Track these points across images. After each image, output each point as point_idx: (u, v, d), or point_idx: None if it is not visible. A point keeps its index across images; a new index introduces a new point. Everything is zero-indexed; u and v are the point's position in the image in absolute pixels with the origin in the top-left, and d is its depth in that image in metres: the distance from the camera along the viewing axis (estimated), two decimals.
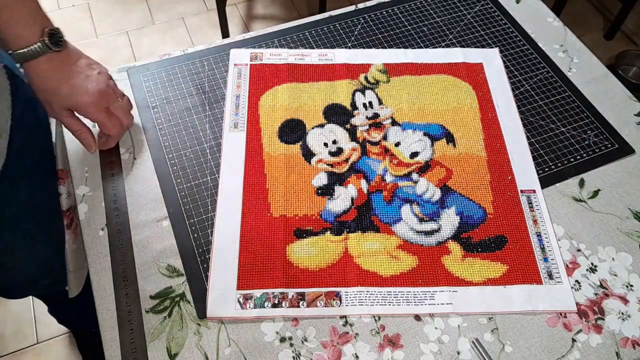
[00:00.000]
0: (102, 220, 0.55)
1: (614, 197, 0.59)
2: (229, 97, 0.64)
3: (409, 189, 0.58)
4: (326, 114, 0.64)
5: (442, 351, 0.49)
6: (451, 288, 0.52)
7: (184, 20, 1.84)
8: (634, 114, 0.67)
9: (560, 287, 0.52)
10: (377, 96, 0.65)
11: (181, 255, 0.53)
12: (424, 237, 0.55)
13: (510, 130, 0.63)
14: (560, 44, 0.74)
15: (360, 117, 0.63)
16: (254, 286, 0.51)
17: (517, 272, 0.53)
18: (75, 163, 0.59)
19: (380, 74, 0.67)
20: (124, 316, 0.49)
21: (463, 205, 0.57)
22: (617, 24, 1.77)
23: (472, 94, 0.66)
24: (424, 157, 0.60)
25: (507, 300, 0.51)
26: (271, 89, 0.65)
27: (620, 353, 0.49)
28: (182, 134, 0.61)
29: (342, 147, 0.61)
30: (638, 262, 0.55)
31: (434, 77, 0.68)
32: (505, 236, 0.55)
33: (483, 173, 0.60)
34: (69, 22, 1.79)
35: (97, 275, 0.52)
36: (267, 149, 0.60)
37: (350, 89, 0.66)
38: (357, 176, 0.59)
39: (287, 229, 0.54)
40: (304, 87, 0.66)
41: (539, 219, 0.57)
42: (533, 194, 0.58)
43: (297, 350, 0.48)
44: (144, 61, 0.68)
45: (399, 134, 0.62)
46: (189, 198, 0.57)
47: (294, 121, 0.63)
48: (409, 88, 0.67)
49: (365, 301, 0.51)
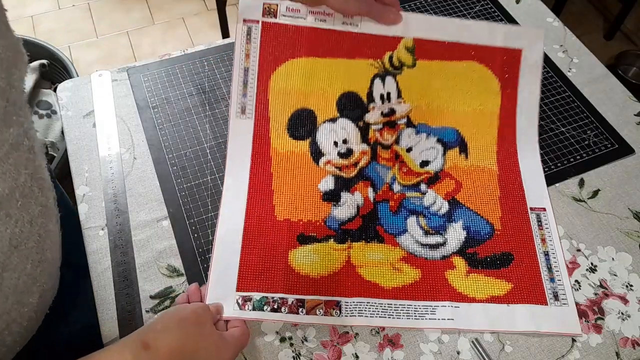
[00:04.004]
0: (102, 220, 0.55)
1: (614, 197, 0.59)
2: (237, 70, 0.56)
3: (416, 200, 0.56)
4: (340, 105, 0.58)
5: (442, 351, 0.49)
6: (453, 303, 0.50)
7: (184, 20, 1.84)
8: (634, 114, 0.67)
9: (566, 309, 0.51)
10: (397, 86, 0.59)
11: (181, 255, 0.53)
12: (429, 250, 0.53)
13: (525, 142, 0.59)
14: (560, 44, 0.74)
15: (375, 112, 0.58)
16: (253, 289, 0.50)
17: (522, 291, 0.51)
18: (75, 163, 0.59)
19: (407, 54, 0.59)
20: (124, 316, 0.49)
21: (470, 219, 0.55)
22: (617, 24, 1.77)
23: (497, 96, 0.60)
24: (435, 167, 0.58)
25: (510, 319, 0.50)
26: (283, 63, 0.57)
27: (620, 353, 0.49)
28: (182, 134, 0.61)
29: (352, 149, 0.57)
30: (638, 262, 0.55)
31: (464, 66, 0.59)
32: (512, 254, 0.54)
33: (493, 188, 0.57)
34: (69, 22, 1.79)
35: (97, 275, 0.52)
36: (275, 144, 0.57)
37: (371, 73, 0.59)
38: (364, 183, 0.56)
39: (290, 233, 0.53)
40: (320, 65, 0.58)
41: (548, 237, 0.55)
42: (543, 212, 0.56)
43: (297, 350, 0.48)
44: (144, 61, 0.68)
45: (412, 138, 0.59)
46: (189, 198, 0.57)
47: (305, 112, 0.57)
48: (432, 79, 0.59)
49: (365, 312, 0.49)
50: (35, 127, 1.33)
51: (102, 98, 0.64)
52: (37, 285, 0.40)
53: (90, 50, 1.72)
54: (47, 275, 0.42)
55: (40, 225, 0.39)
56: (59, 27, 1.77)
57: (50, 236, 0.42)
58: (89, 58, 1.69)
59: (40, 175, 0.40)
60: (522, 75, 0.60)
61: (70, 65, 1.36)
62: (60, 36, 1.74)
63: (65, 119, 0.63)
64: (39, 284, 0.40)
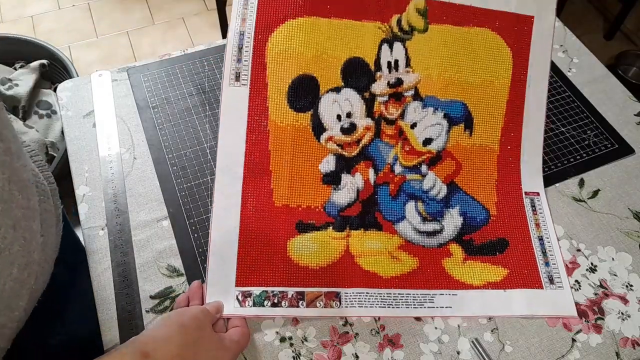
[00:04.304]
0: (102, 220, 0.55)
1: (614, 197, 0.59)
2: (232, 34, 0.52)
3: (416, 184, 0.56)
4: (345, 73, 0.54)
5: (442, 351, 0.49)
6: (451, 291, 0.51)
7: (184, 20, 1.84)
8: (634, 114, 0.67)
9: (561, 292, 0.52)
10: (406, 53, 0.56)
11: (181, 255, 0.53)
12: (426, 238, 0.54)
13: (531, 117, 0.58)
14: (560, 44, 0.74)
15: (382, 82, 0.55)
16: (253, 283, 0.49)
17: (518, 276, 0.52)
18: (75, 163, 0.59)
19: (418, 17, 0.56)
20: (124, 316, 0.49)
21: (467, 205, 0.56)
22: (617, 24, 1.77)
23: (509, 66, 0.58)
24: (437, 145, 0.56)
25: (507, 305, 0.51)
26: (283, 24, 0.53)
27: (620, 353, 0.49)
28: (182, 134, 0.61)
29: (356, 124, 0.55)
30: (638, 262, 0.55)
31: (477, 32, 0.57)
32: (507, 239, 0.55)
33: (491, 171, 0.57)
34: (69, 22, 1.79)
35: (97, 275, 0.52)
36: (274, 115, 0.52)
37: (379, 37, 0.55)
38: (366, 164, 0.55)
39: (289, 221, 0.52)
40: (324, 25, 0.54)
41: (542, 222, 0.56)
42: (537, 196, 0.57)
43: (297, 350, 0.48)
44: (144, 61, 0.68)
45: (418, 113, 0.56)
46: (189, 198, 0.57)
47: (307, 79, 0.53)
48: (444, 46, 0.57)
49: (364, 303, 0.50)
50: (36, 128, 1.32)
51: (102, 98, 0.64)
52: (26, 288, 0.39)
53: (90, 50, 1.72)
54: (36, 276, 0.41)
55: (25, 228, 0.38)
56: (59, 27, 1.77)
57: (35, 237, 0.41)
58: (89, 58, 1.69)
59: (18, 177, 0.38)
60: (533, 44, 0.59)
61: (70, 65, 1.36)
62: (60, 36, 1.74)
63: (65, 119, 0.63)
64: (28, 286, 0.39)
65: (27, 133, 1.19)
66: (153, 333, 0.41)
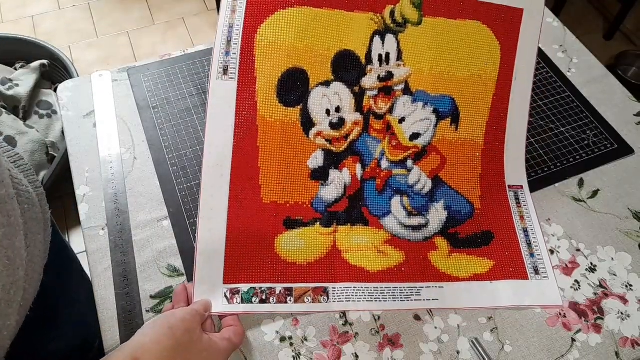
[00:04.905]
0: (102, 220, 0.55)
1: (614, 197, 0.60)
2: (221, 27, 0.51)
3: (402, 179, 0.56)
4: (335, 66, 0.53)
5: (442, 351, 0.49)
6: (437, 284, 0.52)
7: (184, 20, 1.84)
8: (633, 114, 0.67)
9: (547, 281, 0.53)
10: (398, 46, 0.55)
11: (181, 255, 0.53)
12: (412, 232, 0.54)
13: (516, 111, 0.59)
14: (560, 44, 0.74)
15: (372, 76, 0.54)
16: (241, 280, 0.49)
17: (504, 267, 0.53)
18: (76, 163, 0.59)
19: (413, 9, 0.55)
20: (124, 316, 0.49)
21: (452, 199, 0.56)
22: (616, 24, 1.77)
23: (497, 59, 0.58)
24: (424, 140, 0.56)
25: (494, 296, 0.52)
26: (273, 14, 0.51)
27: (619, 353, 0.50)
28: (182, 134, 0.61)
29: (345, 118, 0.54)
30: (637, 262, 0.55)
31: (468, 25, 0.57)
32: (492, 232, 0.55)
33: (476, 164, 0.58)
34: (69, 22, 1.79)
35: (98, 275, 0.52)
36: (263, 110, 0.51)
37: (371, 29, 0.54)
38: (353, 159, 0.55)
39: (277, 217, 0.52)
40: (315, 16, 0.52)
41: (526, 215, 0.57)
42: (520, 190, 0.58)
43: (297, 350, 0.49)
44: (144, 61, 0.68)
45: (407, 107, 0.56)
46: (189, 198, 0.57)
47: (297, 72, 0.52)
48: (437, 40, 0.56)
49: (352, 297, 0.50)
50: (36, 128, 1.32)
51: (102, 98, 0.65)
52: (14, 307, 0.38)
53: (90, 50, 1.72)
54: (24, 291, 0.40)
55: (7, 246, 0.36)
56: (59, 27, 1.77)
57: (20, 254, 0.39)
58: (89, 58, 1.70)
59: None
60: (521, 38, 0.59)
61: (70, 65, 1.36)
62: (61, 36, 1.74)
63: (65, 119, 0.63)
64: (15, 304, 0.38)
65: (28, 133, 1.19)
66: (142, 339, 0.41)
